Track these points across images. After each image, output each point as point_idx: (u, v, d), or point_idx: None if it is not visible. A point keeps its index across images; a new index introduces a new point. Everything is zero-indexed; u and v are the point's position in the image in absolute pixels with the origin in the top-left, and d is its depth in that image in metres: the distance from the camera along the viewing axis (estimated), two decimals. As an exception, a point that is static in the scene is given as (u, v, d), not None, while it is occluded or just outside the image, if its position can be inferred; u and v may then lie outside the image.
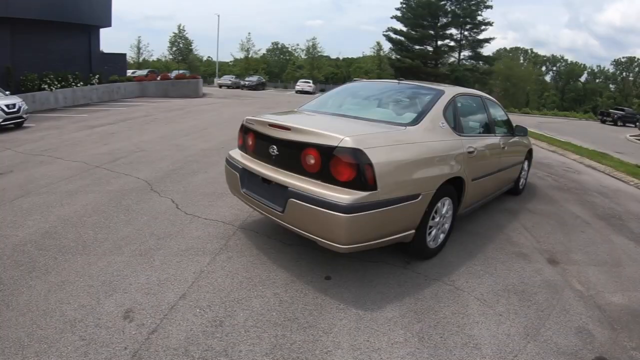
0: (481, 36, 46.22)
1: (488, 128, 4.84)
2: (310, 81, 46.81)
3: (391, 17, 47.76)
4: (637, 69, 73.07)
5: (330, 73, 68.72)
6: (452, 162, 3.61)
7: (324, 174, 2.89)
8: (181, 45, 55.03)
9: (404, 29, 47.16)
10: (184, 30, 54.87)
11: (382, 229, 3.01)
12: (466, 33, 46.33)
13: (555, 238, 4.68)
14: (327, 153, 2.84)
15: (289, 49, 78.00)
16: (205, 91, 28.09)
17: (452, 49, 47.64)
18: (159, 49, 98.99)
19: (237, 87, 42.44)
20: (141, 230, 3.85)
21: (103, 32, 20.17)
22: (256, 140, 3.55)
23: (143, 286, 2.95)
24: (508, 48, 78.92)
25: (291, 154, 3.11)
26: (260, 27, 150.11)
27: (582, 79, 76.19)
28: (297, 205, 2.94)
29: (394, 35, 47.98)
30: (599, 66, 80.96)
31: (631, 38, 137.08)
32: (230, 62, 73.83)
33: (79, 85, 16.41)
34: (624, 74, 73.35)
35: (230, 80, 43.91)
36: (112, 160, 6.36)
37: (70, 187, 4.90)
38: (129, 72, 27.17)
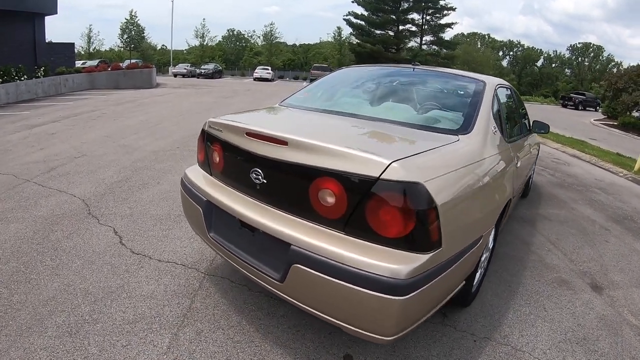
0: (443, 21, 46.11)
1: (520, 128, 3.95)
2: (269, 68, 45.17)
3: (352, 1, 46.82)
4: (592, 54, 75.89)
5: (287, 60, 67.40)
6: (509, 183, 2.69)
7: (355, 223, 1.79)
8: (133, 32, 52.26)
9: (365, 13, 46.35)
10: (136, 17, 52.20)
11: (440, 297, 2.03)
12: (428, 18, 46.02)
13: (584, 253, 4.17)
14: (361, 188, 1.73)
15: (245, 36, 75.82)
16: (160, 81, 26.44)
17: (413, 34, 47.29)
18: (112, 39, 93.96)
19: (193, 76, 40.58)
20: (72, 285, 2.70)
21: (52, 21, 18.54)
22: (227, 157, 2.40)
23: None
24: (465, 33, 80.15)
25: (291, 184, 2.02)
26: (215, 14, 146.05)
27: (539, 63, 78.36)
28: (309, 277, 1.81)
29: (354, 20, 47.10)
30: (555, 51, 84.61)
31: (584, 25, 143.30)
32: (185, 50, 71.30)
33: (22, 79, 14.56)
34: (580, 59, 75.93)
35: (185, 69, 41.77)
36: (46, 171, 5.10)
37: (-12, 213, 3.69)
38: (79, 63, 25.52)
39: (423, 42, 47.35)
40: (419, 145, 2.14)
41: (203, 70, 41.92)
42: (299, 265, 1.82)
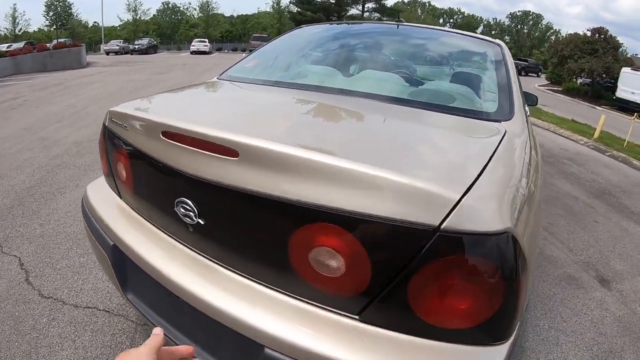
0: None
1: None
2: (206, 40, 42.85)
3: (291, -33, 45.01)
4: (531, 22, 78.10)
5: (225, 31, 65.21)
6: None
7: (385, 306, 0.97)
8: (59, 9, 48.24)
9: (305, -21, 44.65)
10: (62, -9, 48.03)
11: None
12: (370, -16, 44.97)
13: (580, 239, 3.94)
14: (401, 247, 0.91)
15: (181, 9, 72.26)
16: (91, 60, 24.42)
17: (355, 0, 46.13)
18: (40, 18, 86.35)
19: (127, 53, 37.89)
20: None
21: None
22: (137, 173, 1.45)
23: None
24: (406, 1, 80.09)
25: (250, 232, 1.13)
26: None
27: (479, 30, 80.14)
28: None
29: (294, -13, 45.40)
30: (495, 19, 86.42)
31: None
32: (119, 26, 67.21)
33: None
34: (519, 26, 78.04)
35: (118, 46, 38.90)
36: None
37: None
38: (4, 47, 22.98)
39: (365, 9, 46.31)
40: (468, 148, 1.28)
41: (137, 46, 39.42)
42: None
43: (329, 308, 1.04)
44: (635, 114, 10.61)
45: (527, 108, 1.95)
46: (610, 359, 2.33)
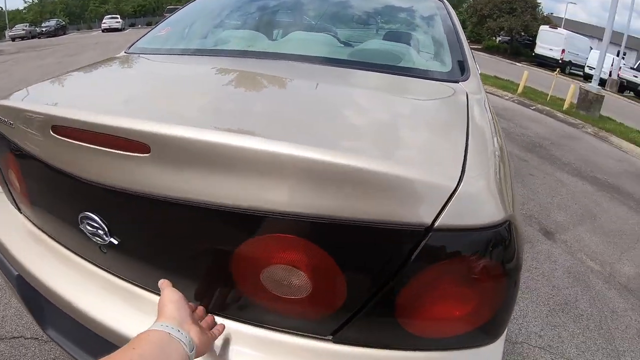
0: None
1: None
2: (118, 16, 40.79)
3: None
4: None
5: (138, 5, 62.08)
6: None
7: (365, 324, 0.77)
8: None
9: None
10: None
11: None
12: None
13: (519, 193, 4.07)
14: (384, 254, 0.70)
15: (90, -15, 67.59)
16: (-5, 49, 22.23)
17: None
18: None
19: (34, 37, 35.27)
20: None
21: None
22: (30, 182, 1.11)
23: None
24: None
25: (183, 249, 0.86)
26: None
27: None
28: None
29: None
30: None
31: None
32: (24, 9, 61.74)
33: None
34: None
35: (24, 30, 36.38)
36: None
37: None
38: None
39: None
40: (439, 117, 1.09)
41: (44, 29, 37.40)
42: None
43: (292, 331, 0.84)
44: (557, 69, 11.16)
45: (477, 65, 1.81)
46: (567, 311, 2.41)
